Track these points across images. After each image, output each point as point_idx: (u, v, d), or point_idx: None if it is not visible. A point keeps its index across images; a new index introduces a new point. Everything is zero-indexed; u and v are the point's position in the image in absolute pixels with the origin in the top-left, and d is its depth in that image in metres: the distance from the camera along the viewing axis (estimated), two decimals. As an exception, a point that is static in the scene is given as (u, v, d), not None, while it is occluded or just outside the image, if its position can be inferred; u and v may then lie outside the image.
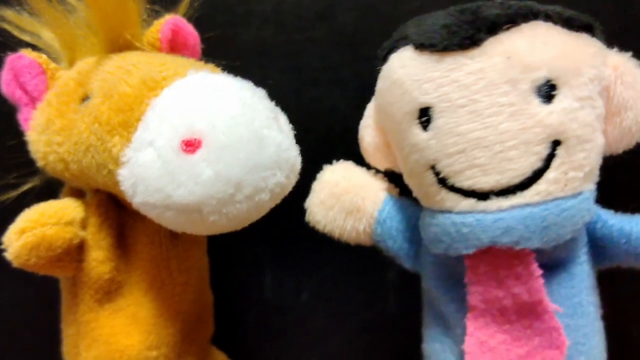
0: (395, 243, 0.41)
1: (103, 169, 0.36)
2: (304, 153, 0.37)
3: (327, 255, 0.53)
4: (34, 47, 0.41)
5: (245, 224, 0.35)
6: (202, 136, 0.32)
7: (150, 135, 0.33)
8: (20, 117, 0.41)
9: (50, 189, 0.43)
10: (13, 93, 0.41)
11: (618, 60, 0.34)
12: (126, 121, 0.35)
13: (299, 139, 0.37)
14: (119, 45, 0.40)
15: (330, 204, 0.41)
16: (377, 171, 0.43)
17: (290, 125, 0.37)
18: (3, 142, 0.46)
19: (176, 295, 0.41)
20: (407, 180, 0.38)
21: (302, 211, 0.42)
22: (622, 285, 0.47)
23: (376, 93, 0.39)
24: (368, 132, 0.41)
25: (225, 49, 0.43)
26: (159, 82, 0.36)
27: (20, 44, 0.41)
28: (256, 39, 0.50)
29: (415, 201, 0.39)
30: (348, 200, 0.41)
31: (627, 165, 0.39)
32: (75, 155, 0.37)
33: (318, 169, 0.43)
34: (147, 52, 0.41)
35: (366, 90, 0.39)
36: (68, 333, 0.43)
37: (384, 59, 0.37)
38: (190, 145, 0.32)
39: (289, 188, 0.36)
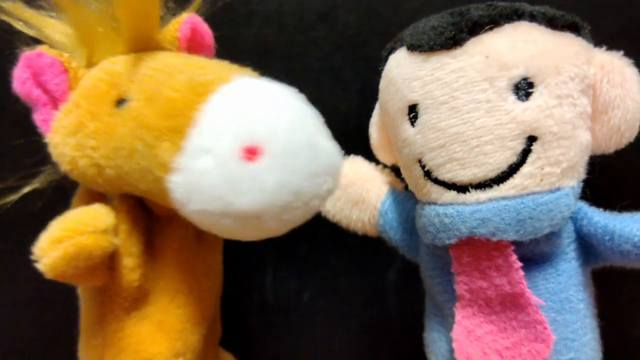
0: (396, 234, 0.43)
1: (148, 175, 0.35)
2: None
3: (328, 256, 0.54)
4: (38, 42, 0.40)
5: (293, 227, 0.35)
6: (263, 144, 0.31)
7: (206, 142, 0.32)
8: (37, 118, 0.39)
9: (53, 191, 0.43)
10: (30, 92, 0.39)
11: (605, 59, 0.35)
12: (176, 127, 0.34)
13: None
14: (142, 44, 0.39)
15: (338, 194, 0.44)
16: (385, 166, 0.46)
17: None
18: (4, 143, 0.45)
19: (202, 301, 0.41)
20: (403, 173, 0.40)
21: None
22: (623, 287, 0.47)
23: (379, 92, 0.41)
24: (374, 129, 0.44)
25: (227, 49, 0.43)
26: (206, 87, 0.35)
27: (20, 39, 0.40)
28: (257, 39, 0.51)
29: (415, 195, 0.41)
30: (354, 191, 0.44)
31: (617, 164, 0.39)
32: (114, 160, 0.36)
33: None
34: (176, 53, 0.40)
35: (367, 91, 0.40)
36: (92, 344, 0.41)
37: (386, 59, 0.39)
38: (252, 153, 0.31)
39: (334, 193, 0.36)
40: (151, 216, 0.41)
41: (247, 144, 0.31)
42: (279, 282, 0.55)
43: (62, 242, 0.33)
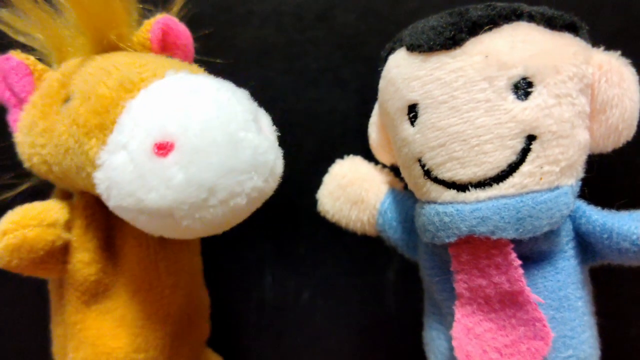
0: (395, 233, 0.43)
1: (82, 171, 0.36)
2: (303, 154, 0.37)
3: (327, 256, 0.54)
4: (28, 48, 0.41)
5: (223, 228, 0.35)
6: (175, 139, 0.31)
7: (124, 138, 0.33)
8: (10, 118, 0.41)
9: (46, 190, 0.43)
10: (2, 94, 0.40)
11: (603, 59, 0.35)
12: (102, 123, 0.34)
13: (299, 139, 0.36)
14: (106, 45, 0.39)
15: (338, 194, 0.44)
16: (384, 166, 0.46)
17: (275, 128, 0.36)
18: (0, 142, 0.45)
19: (165, 297, 0.41)
20: (402, 173, 0.40)
21: (303, 211, 0.43)
22: (622, 286, 0.47)
23: (379, 92, 0.41)
24: (374, 129, 0.44)
25: (225, 49, 0.44)
26: (137, 83, 0.35)
27: (12, 44, 0.41)
28: (256, 39, 0.51)
29: (414, 194, 0.41)
30: (353, 191, 0.44)
31: (615, 163, 0.39)
32: (56, 157, 0.37)
33: (318, 169, 0.45)
34: (133, 53, 0.40)
35: (366, 91, 0.40)
36: (57, 334, 0.42)
37: (385, 59, 0.40)
38: (163, 149, 0.31)
39: (269, 192, 0.36)
40: (112, 213, 0.40)
41: (159, 140, 0.31)
42: (278, 281, 0.55)
43: (6, 234, 0.35)
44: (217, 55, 0.44)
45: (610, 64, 0.35)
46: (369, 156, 0.46)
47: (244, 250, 0.54)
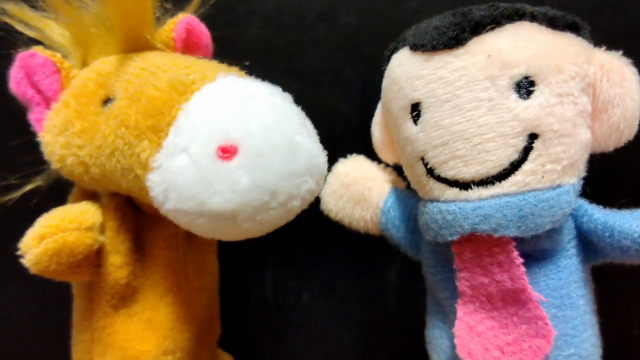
0: (398, 232, 0.44)
1: (129, 173, 0.35)
2: None
3: (328, 256, 0.54)
4: (37, 43, 0.40)
5: (275, 228, 0.35)
6: (238, 143, 0.32)
7: (183, 141, 0.33)
8: (32, 117, 0.40)
9: (53, 190, 0.43)
10: (24, 92, 0.39)
11: (605, 58, 0.35)
12: (156, 126, 0.34)
13: None
14: (135, 44, 0.39)
15: (341, 193, 0.45)
16: (387, 165, 0.46)
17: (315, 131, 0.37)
18: (6, 141, 0.46)
19: (192, 299, 0.41)
20: (405, 172, 0.40)
21: (304, 211, 0.43)
22: (623, 286, 0.47)
23: (381, 91, 0.42)
24: (377, 128, 0.44)
25: (227, 49, 0.43)
26: (188, 86, 0.35)
27: (20, 40, 0.40)
28: (258, 39, 0.51)
29: (417, 193, 0.41)
30: (356, 190, 0.44)
31: (617, 162, 0.39)
32: (97, 158, 0.36)
33: None
34: (167, 53, 0.40)
35: (368, 91, 0.40)
36: (81, 339, 0.41)
37: (388, 59, 0.40)
38: (227, 152, 0.31)
39: (317, 193, 0.36)
40: (140, 214, 0.41)
41: (222, 143, 0.32)
42: (279, 281, 0.55)
43: (45, 239, 0.34)
44: (218, 55, 0.44)
45: (611, 63, 0.35)
46: (370, 156, 0.46)
47: (245, 250, 0.53)
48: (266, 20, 0.51)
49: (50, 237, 0.34)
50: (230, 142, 0.31)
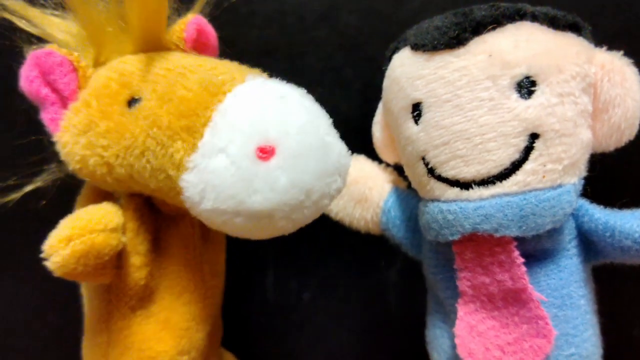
0: (399, 232, 0.44)
1: (160, 173, 0.35)
2: None
3: (328, 256, 0.54)
4: (41, 40, 0.40)
5: (300, 226, 0.36)
6: (276, 143, 0.32)
7: (221, 142, 0.33)
8: (45, 116, 0.39)
9: (56, 190, 0.43)
10: (38, 91, 0.38)
11: (606, 58, 0.35)
12: (190, 126, 0.34)
13: None
14: (151, 44, 0.40)
15: (341, 193, 0.44)
16: (388, 165, 0.46)
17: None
18: (6, 142, 0.45)
19: (207, 298, 0.42)
20: (406, 171, 0.40)
21: None
22: (623, 286, 0.47)
23: (382, 91, 0.42)
24: (377, 128, 0.44)
25: (228, 49, 0.43)
26: (220, 87, 0.35)
27: (21, 38, 0.40)
28: (259, 39, 0.51)
29: (417, 193, 0.41)
30: (357, 190, 0.44)
31: (617, 162, 0.39)
32: (125, 159, 0.36)
33: None
34: (186, 54, 0.40)
35: (368, 91, 0.40)
36: (96, 342, 0.41)
37: (389, 59, 0.40)
38: (265, 152, 0.32)
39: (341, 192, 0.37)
40: (158, 215, 0.41)
41: (260, 144, 0.32)
42: (280, 281, 0.55)
43: (72, 240, 0.33)
44: (219, 55, 0.44)
45: (612, 63, 0.35)
46: (371, 156, 0.46)
47: (246, 250, 0.52)
48: (267, 21, 0.51)
49: (78, 239, 0.34)
50: (269, 143, 0.32)
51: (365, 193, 0.44)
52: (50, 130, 0.39)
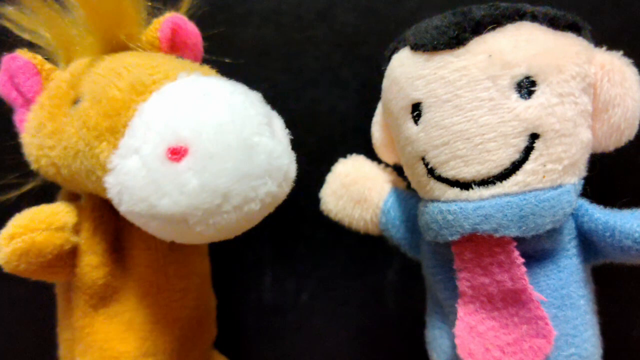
0: (398, 232, 0.43)
1: (92, 175, 0.35)
2: (303, 153, 0.37)
3: (326, 257, 0.54)
4: (34, 46, 0.40)
5: (236, 233, 0.34)
6: (189, 144, 0.31)
7: (136, 142, 0.32)
8: (16, 118, 0.40)
9: (50, 190, 0.43)
10: (9, 94, 0.39)
11: (606, 58, 0.35)
12: (113, 126, 0.34)
13: (299, 139, 0.36)
14: (115, 45, 0.39)
15: (341, 193, 0.45)
16: (387, 165, 0.46)
17: (287, 130, 0.36)
18: (3, 141, 0.44)
19: (174, 301, 0.41)
20: (405, 172, 0.40)
21: (302, 212, 0.43)
22: (623, 286, 0.47)
23: (382, 91, 0.42)
24: (377, 128, 0.44)
25: (225, 49, 0.43)
26: (149, 86, 0.34)
27: (19, 42, 0.40)
28: (256, 38, 0.50)
29: (417, 193, 0.41)
30: (356, 190, 0.44)
31: (617, 162, 0.39)
32: (65, 160, 0.36)
33: (318, 169, 0.45)
34: (143, 53, 0.39)
35: (366, 91, 0.40)
36: (63, 337, 0.42)
37: (389, 59, 0.40)
38: (176, 154, 0.31)
39: (282, 197, 0.35)
40: (121, 216, 0.40)
41: (172, 144, 0.31)
42: (277, 282, 0.55)
43: (14, 238, 0.34)
44: (216, 54, 0.44)
45: (612, 63, 0.35)
46: (369, 155, 0.46)
47: (243, 251, 0.54)
48: (264, 20, 0.50)
49: (19, 237, 0.34)
50: (181, 143, 0.31)
51: (364, 193, 0.44)
52: (19, 131, 0.40)
